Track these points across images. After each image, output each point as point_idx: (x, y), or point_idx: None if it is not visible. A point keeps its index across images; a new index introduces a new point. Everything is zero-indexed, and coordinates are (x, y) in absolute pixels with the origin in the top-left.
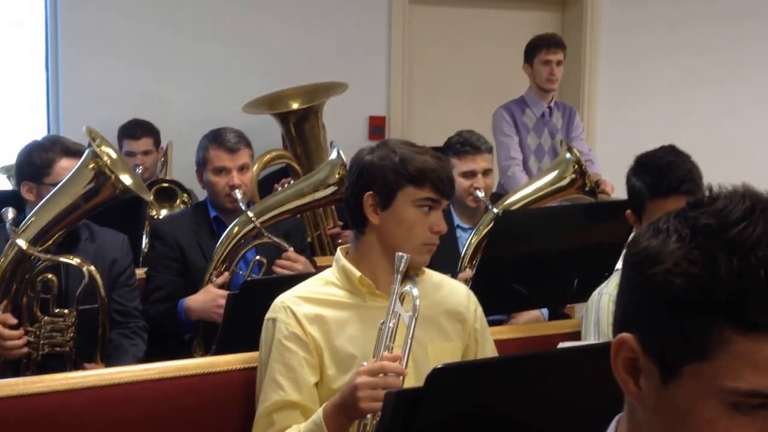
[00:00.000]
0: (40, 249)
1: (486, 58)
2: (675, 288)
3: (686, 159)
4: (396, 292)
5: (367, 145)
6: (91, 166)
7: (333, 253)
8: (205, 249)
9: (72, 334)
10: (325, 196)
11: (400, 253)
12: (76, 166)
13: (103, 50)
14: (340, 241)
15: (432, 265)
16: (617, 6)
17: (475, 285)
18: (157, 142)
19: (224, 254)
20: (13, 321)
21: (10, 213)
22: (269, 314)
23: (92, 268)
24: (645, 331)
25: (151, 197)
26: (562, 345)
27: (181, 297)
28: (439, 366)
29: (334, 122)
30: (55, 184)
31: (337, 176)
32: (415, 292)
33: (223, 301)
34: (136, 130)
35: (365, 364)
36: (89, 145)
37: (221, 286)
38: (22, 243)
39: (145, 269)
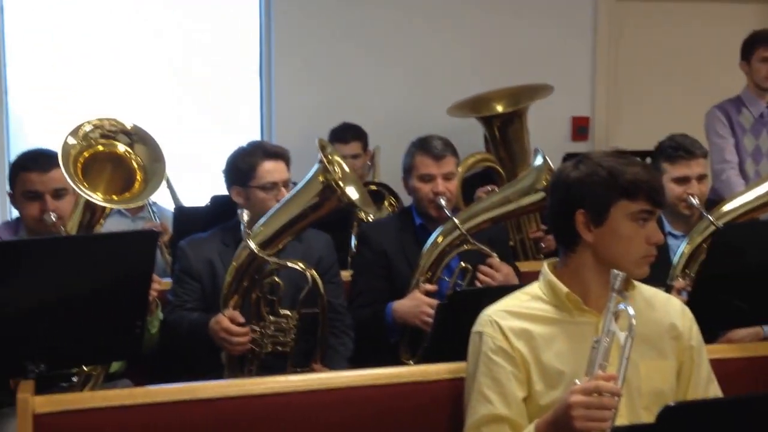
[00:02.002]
0: (268, 253)
1: (698, 54)
2: None
3: None
4: (611, 310)
5: (571, 147)
6: (320, 179)
7: (536, 257)
8: (410, 256)
9: (294, 335)
10: (532, 203)
11: (616, 271)
12: (307, 178)
13: (313, 57)
14: (543, 245)
15: None
16: None
17: (692, 300)
18: (365, 146)
19: (430, 261)
20: (241, 319)
21: (245, 215)
22: (476, 327)
23: (314, 272)
24: None
25: (373, 210)
26: None
27: (384, 302)
28: (672, 404)
29: (535, 123)
30: (260, 187)
31: (543, 182)
32: (631, 311)
33: (427, 308)
34: (346, 133)
35: (578, 382)
36: (320, 160)
37: (427, 293)
38: (253, 246)
39: (352, 272)
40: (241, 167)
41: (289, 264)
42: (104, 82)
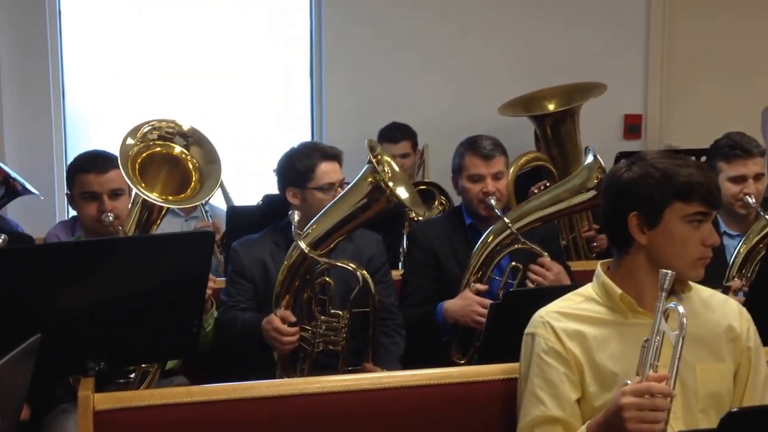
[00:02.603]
0: (319, 253)
1: (753, 50)
2: None
3: None
4: (660, 309)
5: (623, 145)
6: (369, 179)
7: (588, 257)
8: (460, 256)
9: (345, 335)
10: (583, 201)
11: (665, 271)
12: (356, 179)
13: (362, 57)
14: (595, 244)
15: None
16: None
17: (749, 300)
18: (414, 145)
19: (480, 261)
20: (293, 319)
21: (296, 216)
22: (528, 329)
23: (365, 272)
24: None
25: (423, 210)
26: None
27: (435, 302)
28: (735, 410)
29: (586, 120)
30: (318, 188)
31: (595, 180)
32: (681, 309)
33: (478, 308)
34: (395, 133)
35: (629, 382)
36: (369, 160)
37: (477, 293)
38: (303, 246)
39: (402, 271)
40: (299, 168)
41: (340, 264)
42: (158, 83)
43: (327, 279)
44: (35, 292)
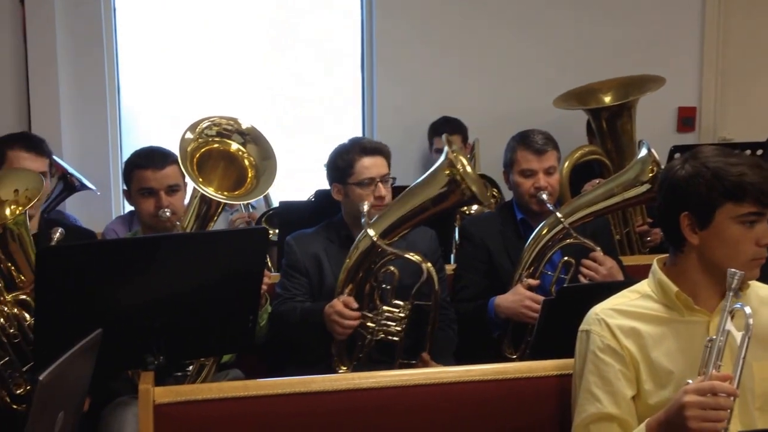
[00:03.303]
0: (387, 242)
1: None
2: None
3: None
4: (727, 309)
5: (676, 138)
6: (446, 172)
7: (641, 252)
8: (512, 251)
9: (404, 326)
10: (637, 195)
11: (733, 270)
12: (431, 170)
13: (413, 52)
14: (648, 239)
15: None
16: None
17: None
18: (464, 139)
19: (533, 256)
20: (355, 305)
21: (365, 206)
22: (583, 326)
23: (429, 265)
24: None
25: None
26: None
27: (486, 297)
28: None
29: (640, 112)
30: (356, 183)
31: (649, 174)
32: (748, 310)
33: (530, 303)
34: (445, 127)
35: (690, 381)
36: (446, 155)
37: (529, 288)
38: (372, 233)
39: (454, 266)
40: (340, 164)
41: (406, 255)
42: (211, 79)
43: (391, 268)
44: (96, 288)
